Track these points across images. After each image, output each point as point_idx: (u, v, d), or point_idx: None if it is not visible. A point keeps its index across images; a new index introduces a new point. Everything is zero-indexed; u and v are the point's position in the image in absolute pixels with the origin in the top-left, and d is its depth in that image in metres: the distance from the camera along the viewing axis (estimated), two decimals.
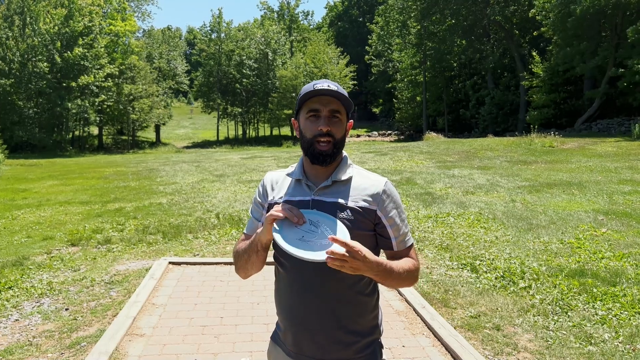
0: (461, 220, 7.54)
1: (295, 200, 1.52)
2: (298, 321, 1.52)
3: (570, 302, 4.35)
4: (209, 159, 20.04)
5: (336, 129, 1.49)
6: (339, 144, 1.50)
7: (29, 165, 19.88)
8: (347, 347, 1.50)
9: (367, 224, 1.49)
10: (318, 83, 1.50)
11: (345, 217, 1.46)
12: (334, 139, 1.48)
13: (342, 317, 1.49)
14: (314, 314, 1.49)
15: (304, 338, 1.51)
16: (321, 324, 1.48)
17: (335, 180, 1.52)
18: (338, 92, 1.47)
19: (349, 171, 1.56)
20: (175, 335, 3.60)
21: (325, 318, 1.48)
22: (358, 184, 1.53)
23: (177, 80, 55.08)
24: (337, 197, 1.49)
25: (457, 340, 3.49)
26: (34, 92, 31.28)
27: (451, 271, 5.28)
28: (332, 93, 1.46)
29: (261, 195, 1.61)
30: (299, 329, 1.51)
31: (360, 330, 1.51)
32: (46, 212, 9.08)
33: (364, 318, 1.52)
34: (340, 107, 1.50)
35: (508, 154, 15.87)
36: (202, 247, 6.26)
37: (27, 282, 5.01)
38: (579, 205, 8.35)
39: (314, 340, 1.49)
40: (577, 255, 5.69)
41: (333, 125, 1.49)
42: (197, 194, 10.50)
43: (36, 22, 31.33)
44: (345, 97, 1.49)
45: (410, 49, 40.82)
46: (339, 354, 1.50)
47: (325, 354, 1.49)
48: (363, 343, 1.52)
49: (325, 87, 1.47)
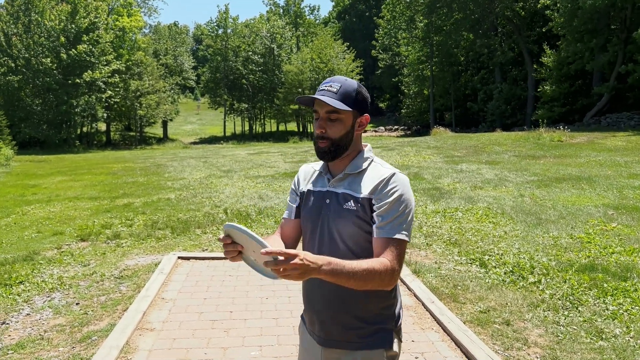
0: (469, 215, 7.51)
1: (316, 190, 1.67)
2: (311, 303, 1.66)
3: (581, 297, 4.32)
4: (216, 154, 20.08)
5: (333, 130, 1.57)
6: (337, 142, 1.58)
7: (38, 162, 20.03)
8: (351, 331, 1.58)
9: (367, 213, 1.55)
10: (322, 84, 1.60)
11: (348, 207, 1.56)
12: (330, 139, 1.57)
13: (349, 302, 1.56)
14: (324, 297, 1.60)
15: (316, 318, 1.64)
16: (329, 307, 1.59)
17: (348, 172, 1.62)
18: (331, 100, 1.54)
19: (364, 164, 1.63)
20: (185, 330, 3.62)
21: (333, 302, 1.58)
22: (369, 176, 1.59)
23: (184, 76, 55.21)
24: (347, 189, 1.59)
25: (466, 335, 3.48)
26: (41, 88, 31.46)
27: (460, 266, 5.26)
28: (324, 101, 1.54)
29: (295, 185, 1.78)
30: (312, 309, 1.66)
31: (366, 317, 1.58)
32: (56, 207, 9.14)
33: (371, 305, 1.57)
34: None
35: (516, 149, 15.77)
36: (211, 242, 6.28)
37: (37, 277, 5.05)
38: (589, 199, 8.29)
39: (322, 322, 1.61)
40: (587, 250, 5.65)
41: (330, 127, 1.57)
42: (204, 190, 10.53)
43: (41, 18, 31.45)
44: (344, 99, 1.55)
45: (417, 43, 40.60)
46: (344, 336, 1.59)
47: (331, 335, 1.61)
48: (369, 330, 1.58)
49: (325, 88, 1.57)
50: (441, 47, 37.49)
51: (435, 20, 36.44)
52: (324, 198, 1.62)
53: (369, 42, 52.21)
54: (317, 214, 1.63)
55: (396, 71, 47.95)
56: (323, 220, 1.60)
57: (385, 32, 48.47)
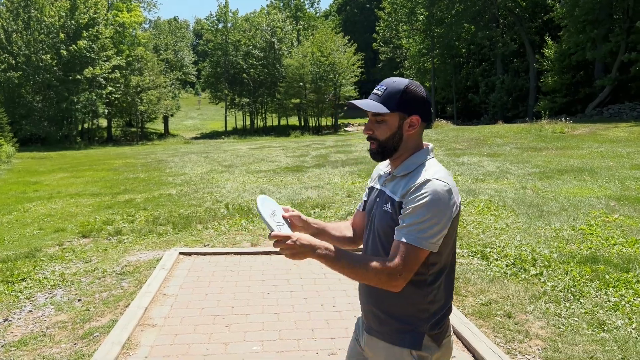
0: (471, 207, 7.49)
1: (375, 187, 1.77)
2: (358, 291, 1.80)
3: (582, 289, 4.31)
4: (218, 149, 20.08)
5: (380, 132, 1.63)
6: (384, 144, 1.63)
7: (40, 158, 20.06)
8: (384, 325, 1.65)
9: (398, 216, 1.57)
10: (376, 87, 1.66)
11: (386, 209, 1.62)
12: (378, 141, 1.64)
13: (377, 297, 1.65)
14: (363, 288, 1.74)
15: (361, 307, 1.79)
16: (365, 299, 1.72)
17: (396, 174, 1.65)
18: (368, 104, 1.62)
19: (413, 167, 1.62)
20: (187, 325, 3.62)
21: (367, 294, 1.70)
22: (411, 180, 1.58)
23: (184, 71, 55.12)
24: (391, 190, 1.64)
25: (468, 328, 3.48)
26: (41, 85, 31.44)
27: (462, 259, 5.25)
28: (359, 106, 1.62)
29: (370, 179, 1.87)
30: (359, 298, 1.80)
31: (396, 314, 1.62)
32: (57, 204, 9.16)
33: (400, 304, 1.61)
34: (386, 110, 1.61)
35: (518, 141, 15.72)
36: (212, 238, 6.29)
37: (39, 274, 5.06)
38: (591, 191, 8.27)
39: (364, 311, 1.76)
40: (589, 241, 5.64)
41: (377, 129, 1.63)
42: (206, 185, 10.53)
43: (40, 14, 31.38)
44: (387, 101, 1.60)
45: (418, 36, 40.41)
46: (379, 328, 1.67)
47: (370, 324, 1.72)
48: (398, 327, 1.62)
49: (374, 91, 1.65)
50: (442, 39, 37.30)
51: (436, 12, 36.23)
52: (377, 196, 1.71)
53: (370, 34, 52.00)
54: (369, 211, 1.73)
55: (397, 64, 47.81)
56: (372, 217, 1.69)
57: (386, 25, 48.23)
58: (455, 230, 1.59)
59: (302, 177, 11.17)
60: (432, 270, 1.57)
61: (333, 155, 15.30)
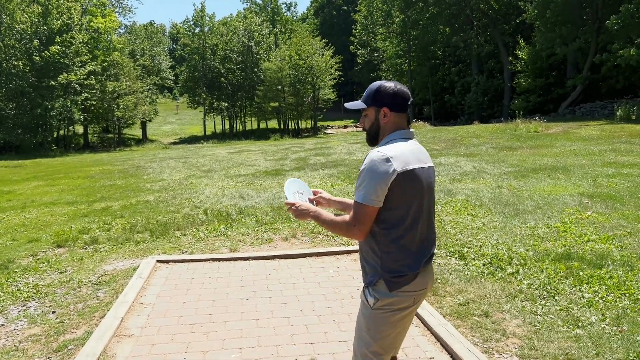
0: (448, 208, 7.58)
1: None
2: None
3: (557, 286, 4.39)
4: (196, 154, 19.90)
5: (365, 123, 2.14)
6: (369, 132, 2.14)
7: (14, 167, 19.59)
8: (364, 271, 2.12)
9: None
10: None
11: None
12: (366, 130, 2.15)
13: (361, 250, 2.12)
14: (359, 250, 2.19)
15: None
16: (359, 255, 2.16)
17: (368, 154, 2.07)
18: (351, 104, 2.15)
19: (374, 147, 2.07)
20: (164, 335, 3.57)
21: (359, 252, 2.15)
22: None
23: (161, 76, 54.54)
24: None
25: (445, 328, 3.51)
26: (14, 92, 30.73)
27: (439, 259, 5.30)
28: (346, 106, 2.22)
29: None
30: None
31: (367, 260, 2.07)
32: (31, 213, 8.95)
33: (370, 255, 2.05)
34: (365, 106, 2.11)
35: (494, 140, 15.96)
36: (191, 244, 6.22)
37: (12, 286, 4.94)
38: (564, 189, 8.43)
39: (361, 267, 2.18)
40: (563, 239, 5.75)
41: (364, 121, 2.15)
42: (184, 191, 10.43)
43: (11, 20, 30.68)
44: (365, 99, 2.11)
45: (394, 38, 40.77)
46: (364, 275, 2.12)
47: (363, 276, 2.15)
48: (368, 271, 2.07)
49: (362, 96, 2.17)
50: (418, 41, 37.71)
51: (411, 15, 36.61)
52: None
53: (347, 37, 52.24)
54: None
55: (375, 66, 48.14)
56: None
57: (363, 28, 48.58)
58: (407, 194, 1.95)
59: (281, 180, 11.14)
60: (384, 225, 1.97)
61: (312, 158, 15.30)
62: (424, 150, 2.11)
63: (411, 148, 2.02)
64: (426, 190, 2.03)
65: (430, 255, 2.08)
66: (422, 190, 2.00)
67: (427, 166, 2.07)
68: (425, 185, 2.02)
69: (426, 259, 2.05)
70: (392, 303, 1.99)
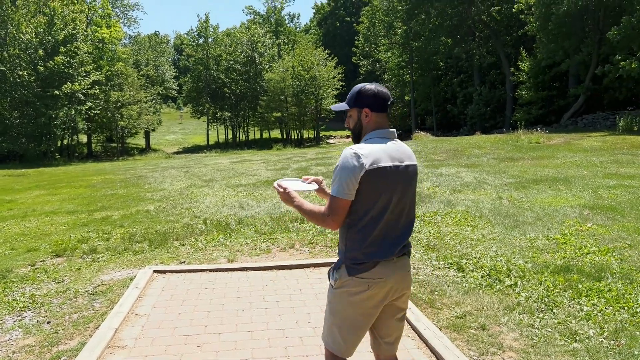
0: (448, 219, 7.55)
1: None
2: None
3: (556, 299, 4.35)
4: (199, 163, 19.94)
5: (350, 123, 2.31)
6: (353, 131, 2.31)
7: (17, 176, 19.66)
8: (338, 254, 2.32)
9: None
10: None
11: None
12: (351, 129, 2.32)
13: (339, 237, 2.29)
14: None
15: None
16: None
17: None
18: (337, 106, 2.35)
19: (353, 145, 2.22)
20: (158, 346, 3.55)
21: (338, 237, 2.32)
22: None
23: (165, 86, 54.85)
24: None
25: (441, 341, 3.48)
26: (19, 101, 30.94)
27: (438, 271, 5.27)
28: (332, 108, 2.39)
29: None
30: None
31: (339, 247, 2.28)
32: (31, 222, 8.96)
33: (340, 242, 2.25)
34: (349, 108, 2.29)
35: (495, 151, 15.95)
36: (189, 254, 6.21)
37: (9, 296, 4.93)
38: (565, 200, 8.40)
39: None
40: (563, 251, 5.71)
41: (348, 122, 2.32)
42: (185, 200, 10.43)
43: (17, 31, 30.97)
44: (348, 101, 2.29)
45: (396, 49, 40.94)
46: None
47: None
48: (340, 256, 2.27)
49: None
50: (420, 52, 37.85)
51: (413, 26, 36.79)
52: None
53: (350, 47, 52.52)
54: None
55: (377, 77, 48.28)
56: None
57: (365, 39, 48.83)
58: (375, 189, 2.10)
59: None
60: (352, 217, 2.14)
61: (314, 167, 15.31)
62: (404, 150, 2.24)
63: (386, 147, 2.16)
64: (398, 187, 2.15)
65: (399, 248, 2.18)
66: (391, 187, 2.12)
67: (405, 164, 2.19)
68: (397, 182, 2.15)
69: (393, 252, 2.16)
70: (348, 285, 2.17)
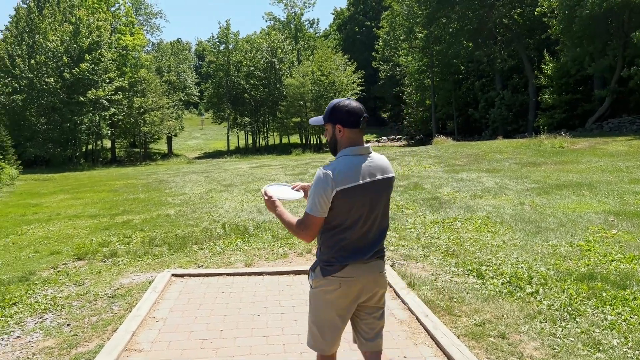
0: (468, 224, 7.44)
1: None
2: None
3: (579, 308, 4.24)
4: (219, 168, 20.12)
5: (327, 136, 2.42)
6: (329, 144, 2.43)
7: (43, 180, 20.14)
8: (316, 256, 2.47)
9: None
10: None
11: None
12: (328, 143, 2.43)
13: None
14: None
15: None
16: None
17: None
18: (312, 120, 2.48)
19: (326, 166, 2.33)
20: (174, 350, 3.57)
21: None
22: None
23: (187, 92, 55.62)
24: None
25: (459, 350, 3.41)
26: (46, 107, 31.74)
27: (457, 277, 5.19)
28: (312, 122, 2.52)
29: None
30: None
31: (317, 252, 2.45)
32: (55, 226, 9.15)
33: (317, 244, 2.42)
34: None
35: (517, 156, 15.69)
36: (207, 258, 6.25)
37: (31, 298, 5.03)
38: (589, 206, 8.20)
39: None
40: (587, 258, 5.57)
41: (325, 135, 2.44)
42: (204, 205, 10.52)
43: (43, 39, 31.82)
44: (324, 116, 2.39)
45: (417, 53, 40.73)
46: None
47: None
48: (316, 256, 2.45)
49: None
50: (441, 56, 37.56)
51: (434, 31, 36.55)
52: None
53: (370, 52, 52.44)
54: None
55: (397, 81, 48.08)
56: None
57: (385, 43, 48.70)
58: (346, 205, 2.25)
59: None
60: (327, 226, 2.30)
61: None
62: (377, 164, 2.34)
63: (357, 164, 2.28)
64: (367, 201, 2.29)
65: (372, 252, 2.35)
66: (361, 201, 2.27)
67: (377, 179, 2.31)
68: (367, 197, 2.28)
69: (365, 255, 2.33)
70: (322, 285, 2.35)
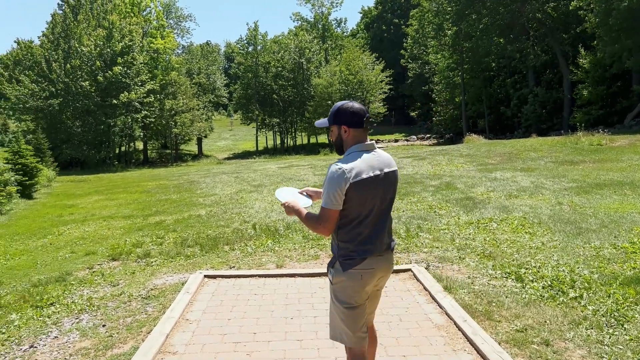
0: (504, 225, 7.22)
1: None
2: None
3: (627, 313, 4.03)
4: (248, 169, 20.24)
5: (332, 137, 2.56)
6: (335, 144, 2.56)
7: (79, 181, 20.67)
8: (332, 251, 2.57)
9: None
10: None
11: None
12: (333, 143, 2.56)
13: (332, 239, 2.56)
14: None
15: None
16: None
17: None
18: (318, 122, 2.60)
19: (336, 161, 2.45)
20: (208, 353, 3.55)
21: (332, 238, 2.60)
22: None
23: (216, 93, 56.29)
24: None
25: (501, 357, 3.27)
26: (80, 111, 32.63)
27: (494, 281, 5.02)
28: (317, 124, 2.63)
29: None
30: None
31: (333, 248, 2.56)
32: (90, 227, 9.34)
33: (333, 243, 2.54)
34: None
35: (553, 154, 15.22)
36: (238, 259, 6.24)
37: (68, 298, 5.10)
38: (633, 206, 7.85)
39: None
40: (633, 260, 5.31)
41: (331, 136, 2.57)
42: (235, 205, 10.56)
43: (78, 44, 32.73)
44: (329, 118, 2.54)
45: (446, 51, 40.12)
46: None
47: None
48: (333, 255, 2.54)
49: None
50: (471, 53, 36.88)
51: (464, 27, 35.92)
52: None
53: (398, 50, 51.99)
54: None
55: (426, 79, 47.50)
56: None
57: (414, 41, 48.18)
58: (360, 198, 2.37)
59: None
60: (342, 221, 2.42)
61: None
62: (383, 159, 2.49)
63: (366, 159, 2.42)
64: (379, 193, 2.43)
65: (386, 245, 2.51)
66: (373, 193, 2.40)
67: (385, 172, 2.45)
68: (379, 189, 2.42)
69: (379, 248, 2.46)
70: (344, 279, 2.45)
